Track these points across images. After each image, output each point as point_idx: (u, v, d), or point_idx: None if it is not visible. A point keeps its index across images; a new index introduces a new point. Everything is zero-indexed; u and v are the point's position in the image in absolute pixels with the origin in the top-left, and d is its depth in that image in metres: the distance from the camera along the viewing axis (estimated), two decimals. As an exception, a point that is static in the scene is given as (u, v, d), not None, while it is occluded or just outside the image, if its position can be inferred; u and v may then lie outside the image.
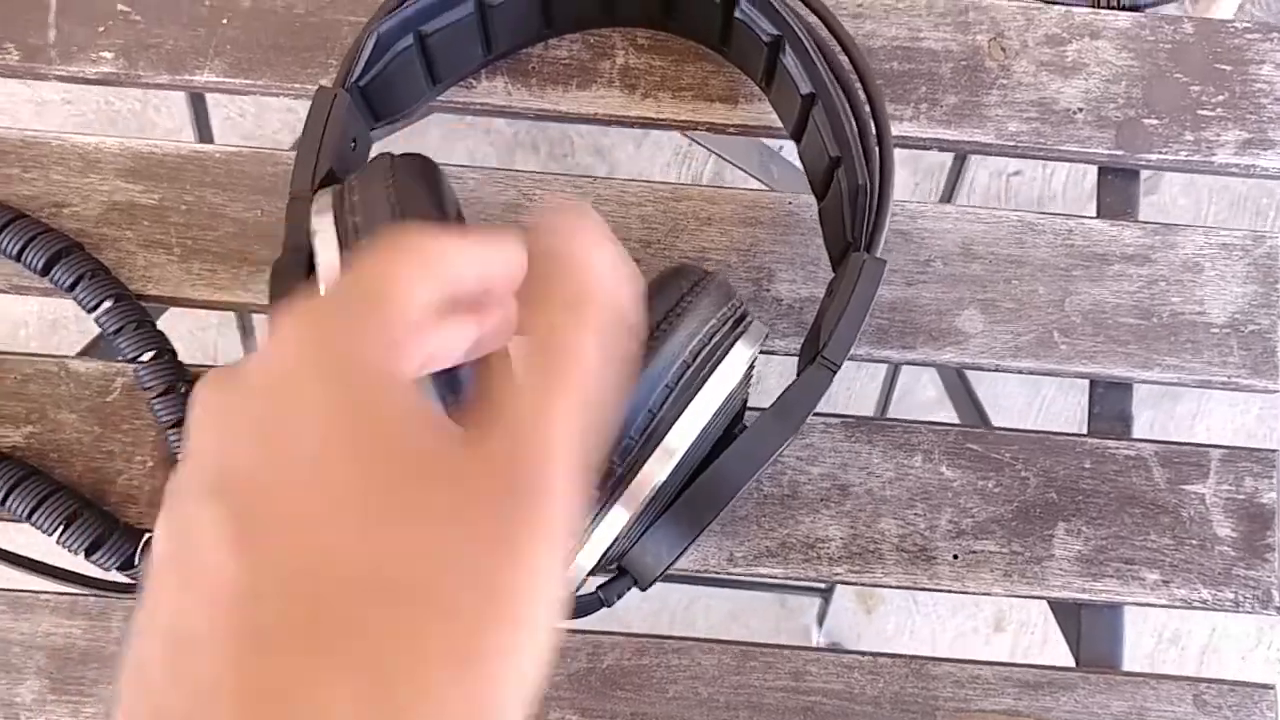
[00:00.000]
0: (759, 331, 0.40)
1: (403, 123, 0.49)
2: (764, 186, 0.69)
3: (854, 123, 0.45)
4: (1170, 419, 1.20)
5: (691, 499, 0.39)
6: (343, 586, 0.22)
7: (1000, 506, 0.50)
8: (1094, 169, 0.54)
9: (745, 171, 0.72)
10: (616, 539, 0.39)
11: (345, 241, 0.38)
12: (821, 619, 1.12)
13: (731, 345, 0.39)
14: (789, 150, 0.68)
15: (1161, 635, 1.18)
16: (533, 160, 1.22)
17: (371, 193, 0.39)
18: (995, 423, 0.76)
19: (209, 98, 0.86)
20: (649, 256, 0.51)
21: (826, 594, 1.11)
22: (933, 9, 0.54)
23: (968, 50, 0.53)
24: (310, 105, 0.44)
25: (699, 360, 0.38)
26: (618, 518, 0.38)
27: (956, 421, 0.52)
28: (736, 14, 0.47)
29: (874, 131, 0.45)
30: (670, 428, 0.38)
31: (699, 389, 0.38)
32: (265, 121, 1.22)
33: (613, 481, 0.38)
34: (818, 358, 0.41)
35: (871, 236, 0.43)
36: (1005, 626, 1.18)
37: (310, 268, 0.40)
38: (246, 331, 0.96)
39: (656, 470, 0.38)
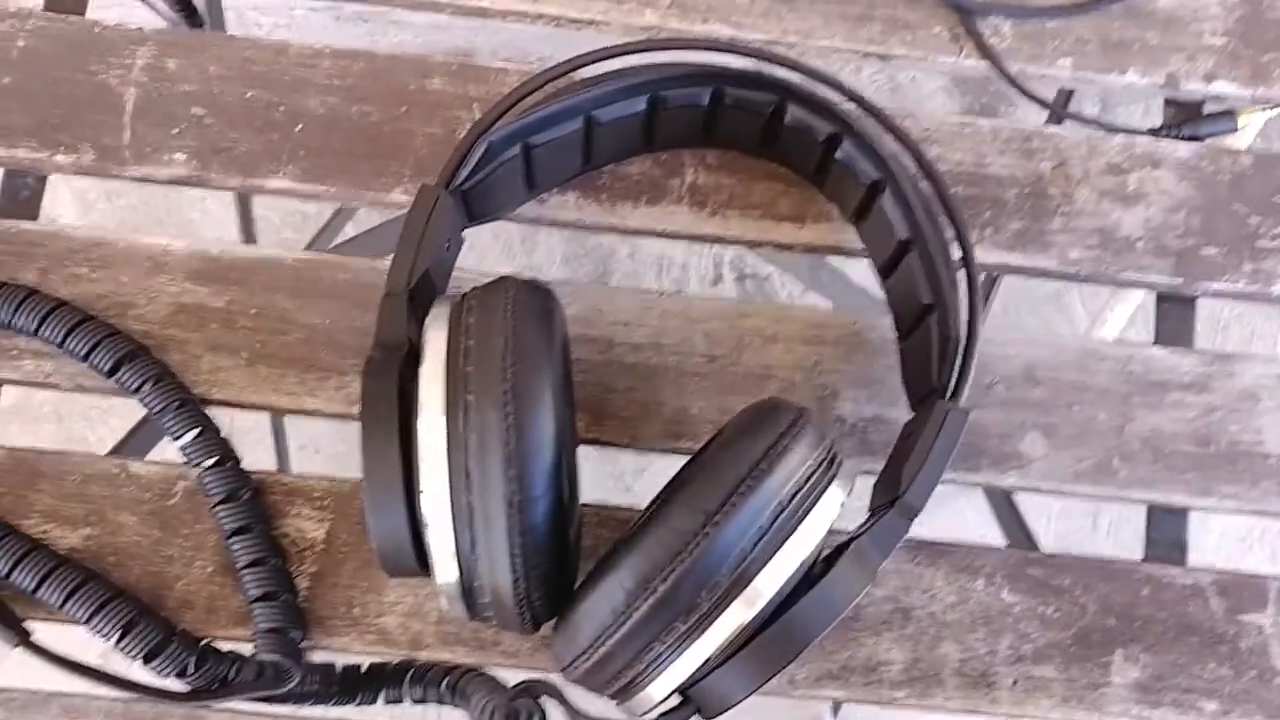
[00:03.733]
0: (851, 473, 0.40)
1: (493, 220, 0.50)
2: (827, 304, 0.69)
3: (947, 273, 0.45)
4: (1221, 543, 1.19)
5: (770, 641, 0.39)
6: None
7: (1059, 632, 0.50)
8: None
9: (794, 276, 0.72)
10: (691, 674, 0.39)
11: (453, 360, 0.39)
12: (836, 709, 1.11)
13: (826, 488, 0.39)
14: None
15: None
16: (556, 238, 1.22)
17: (489, 320, 0.39)
18: (1041, 537, 0.76)
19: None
20: (714, 371, 0.51)
21: (835, 707, 1.10)
22: (998, 136, 0.55)
23: (1031, 177, 0.54)
24: (412, 203, 0.44)
25: (795, 501, 0.38)
26: (696, 654, 0.38)
27: (1018, 548, 0.52)
28: (837, 154, 0.48)
29: (965, 281, 0.46)
30: (760, 570, 0.38)
31: (794, 531, 0.38)
32: (296, 217, 1.22)
33: (697, 617, 0.38)
34: (897, 504, 0.41)
35: (958, 384, 0.44)
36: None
37: (404, 368, 0.40)
38: (277, 434, 0.95)
39: (742, 612, 0.38)
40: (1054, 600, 0.50)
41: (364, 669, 0.49)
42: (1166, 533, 0.52)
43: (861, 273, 1.00)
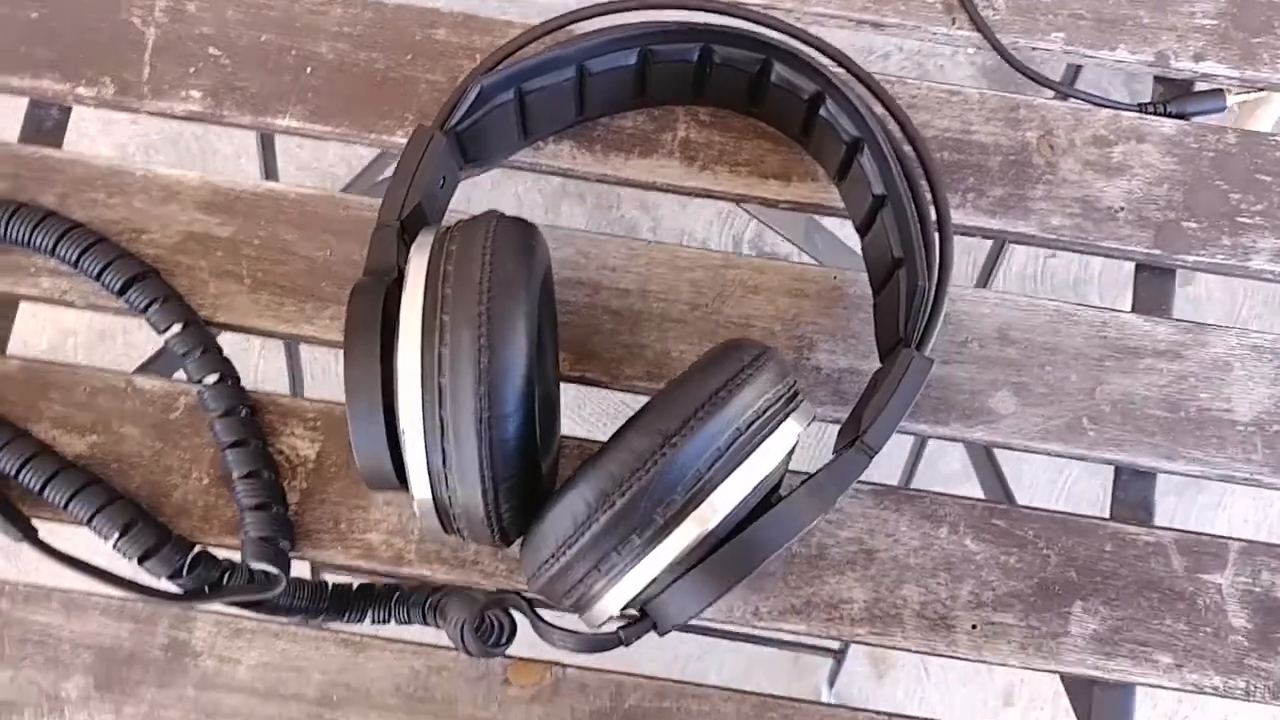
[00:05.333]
0: (808, 411, 0.42)
1: (489, 168, 0.52)
2: (810, 259, 0.71)
3: (919, 224, 0.47)
4: (1193, 508, 1.21)
5: (722, 559, 0.41)
6: None
7: (1021, 581, 0.51)
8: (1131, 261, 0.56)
9: (788, 239, 0.74)
10: (647, 585, 0.41)
11: (432, 284, 0.41)
12: (833, 680, 1.13)
13: (783, 420, 0.41)
14: (830, 221, 0.70)
15: (1174, 725, 1.18)
16: (579, 209, 1.25)
17: (470, 246, 0.41)
18: (1019, 500, 0.77)
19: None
20: (695, 319, 0.53)
21: (840, 655, 1.11)
22: (985, 104, 0.56)
23: (1017, 145, 0.56)
24: (408, 142, 0.46)
25: (751, 430, 0.40)
26: (651, 566, 0.40)
27: (981, 496, 0.54)
28: (821, 113, 0.50)
29: (937, 237, 0.47)
30: (715, 489, 0.40)
31: (747, 456, 0.40)
32: (323, 155, 1.26)
33: (653, 531, 0.40)
34: (857, 442, 0.43)
35: (924, 335, 0.45)
36: (1015, 701, 1.19)
37: (391, 293, 0.42)
38: (292, 355, 0.98)
39: (695, 527, 0.40)
40: (1017, 550, 0.51)
41: (354, 589, 0.51)
42: (1133, 494, 0.54)
43: (855, 240, 1.02)
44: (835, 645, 1.12)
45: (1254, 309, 1.26)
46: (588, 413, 1.16)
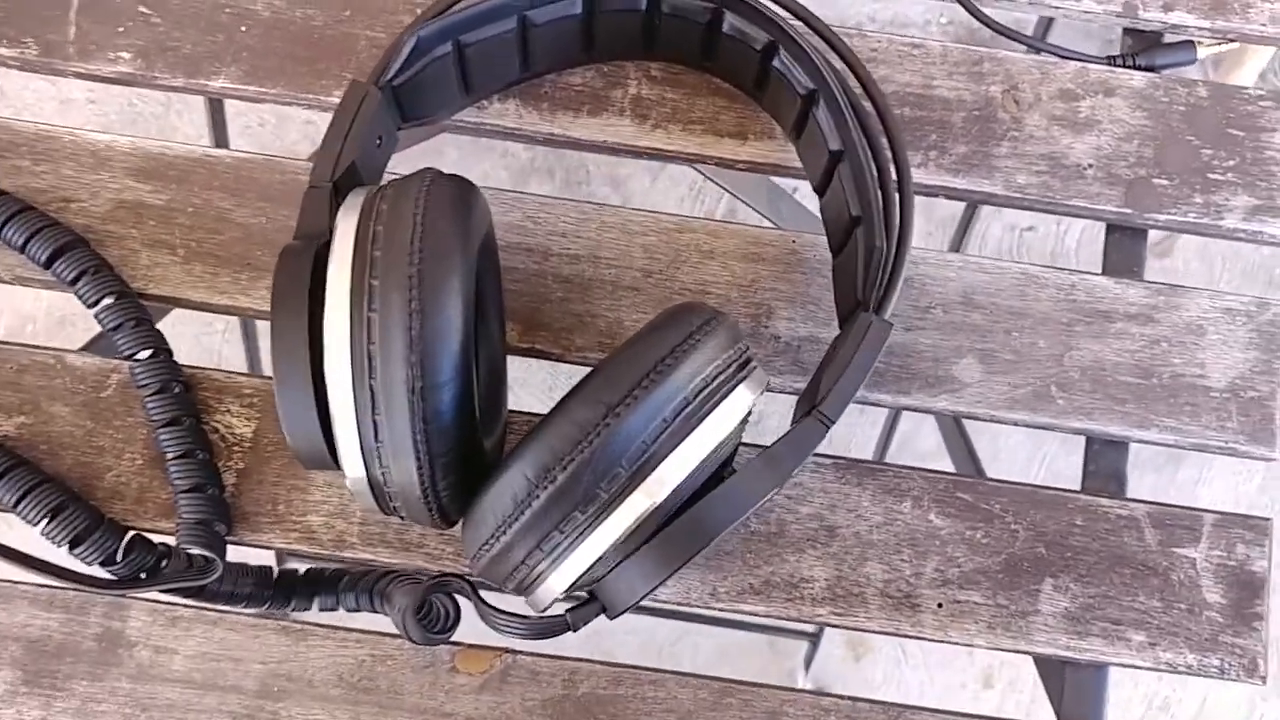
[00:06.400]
0: (761, 378, 0.40)
1: (430, 127, 0.50)
2: (769, 224, 0.69)
3: (877, 183, 0.45)
4: (1171, 484, 1.20)
5: (671, 535, 0.39)
6: None
7: (988, 558, 0.49)
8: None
9: (754, 209, 0.72)
10: (592, 565, 0.39)
11: (361, 246, 0.39)
12: (808, 663, 1.12)
13: (734, 388, 0.39)
14: (801, 191, 0.68)
15: (1151, 703, 1.17)
16: (547, 186, 1.22)
17: (400, 206, 0.39)
18: (994, 475, 0.75)
19: (230, 106, 0.86)
20: (649, 286, 0.51)
21: (815, 638, 1.10)
22: (947, 58, 0.54)
23: (980, 100, 0.54)
24: (341, 98, 0.44)
25: (700, 398, 0.38)
26: (596, 545, 0.38)
27: (952, 471, 0.52)
28: (775, 63, 0.48)
29: (897, 195, 0.45)
30: (661, 462, 0.38)
31: (696, 427, 0.38)
32: (284, 133, 1.23)
33: (597, 507, 0.38)
34: (814, 411, 0.41)
35: (882, 299, 0.43)
36: (994, 684, 1.17)
37: (319, 257, 0.40)
38: (249, 337, 0.96)
39: (641, 502, 0.38)
40: (984, 526, 0.50)
41: (301, 574, 0.49)
42: (1104, 465, 0.52)
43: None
44: (809, 628, 1.11)
45: (1231, 280, 1.24)
46: (537, 386, 1.14)
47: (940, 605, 0.49)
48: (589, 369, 0.41)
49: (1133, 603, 0.49)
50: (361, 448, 0.39)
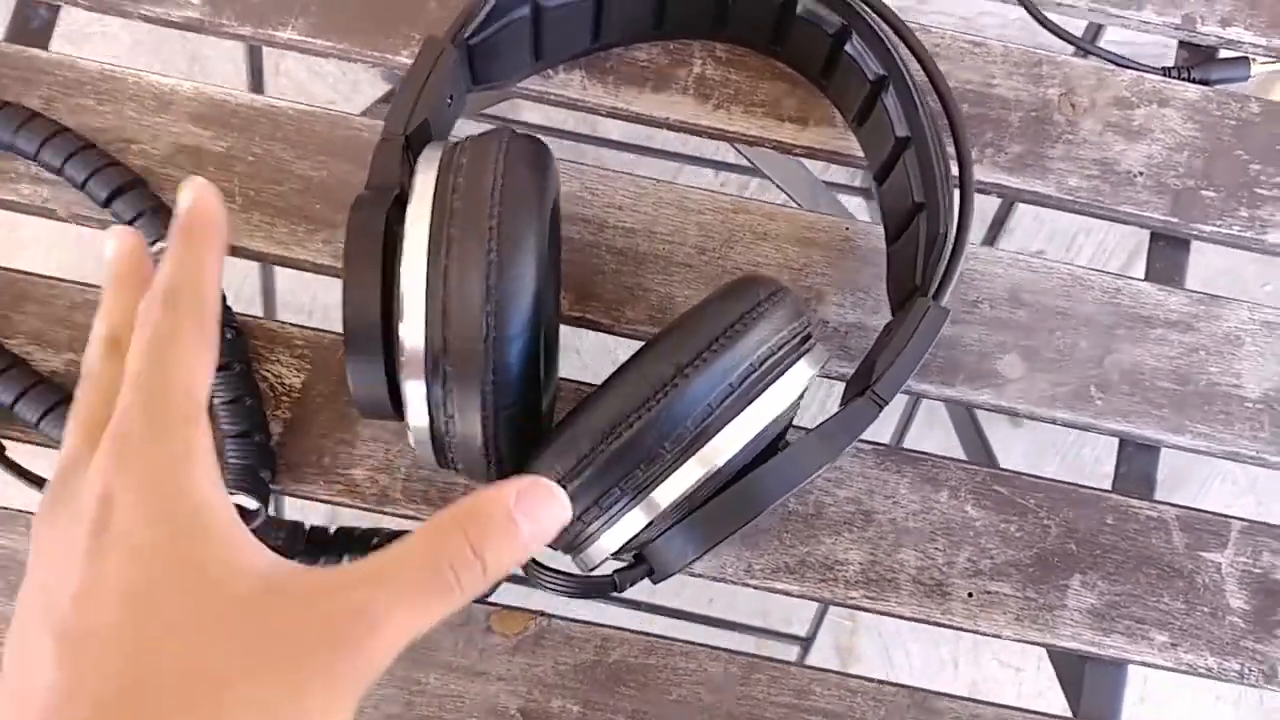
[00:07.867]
0: (821, 354, 0.41)
1: (496, 92, 0.50)
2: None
3: (940, 170, 0.45)
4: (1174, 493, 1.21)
5: (722, 504, 0.39)
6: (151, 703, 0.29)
7: (1019, 551, 0.50)
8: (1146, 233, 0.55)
9: (790, 196, 0.72)
10: (646, 527, 0.39)
11: (441, 199, 0.39)
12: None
13: (796, 360, 0.39)
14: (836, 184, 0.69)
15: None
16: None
17: (480, 162, 0.39)
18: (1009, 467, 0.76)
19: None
20: (702, 263, 0.51)
21: (806, 644, 1.11)
22: (1008, 58, 0.55)
23: (1038, 102, 0.54)
24: (418, 53, 0.44)
25: (765, 367, 0.39)
26: (653, 505, 0.39)
27: (985, 462, 0.52)
28: (846, 48, 0.48)
29: (958, 182, 0.46)
30: (725, 427, 0.38)
31: (759, 394, 0.38)
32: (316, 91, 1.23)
33: (659, 467, 0.38)
34: (868, 391, 0.41)
35: (941, 284, 0.44)
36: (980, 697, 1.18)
37: (394, 210, 0.40)
38: (268, 294, 0.96)
39: (700, 466, 0.38)
40: (1017, 519, 0.50)
41: (331, 532, 0.49)
42: (1136, 467, 0.53)
43: (856, 204, 1.00)
44: (800, 633, 1.11)
45: (1259, 273, 1.22)
46: (585, 355, 1.14)
47: (970, 595, 0.49)
48: (639, 342, 0.41)
49: (1157, 603, 0.50)
50: (428, 396, 0.39)
